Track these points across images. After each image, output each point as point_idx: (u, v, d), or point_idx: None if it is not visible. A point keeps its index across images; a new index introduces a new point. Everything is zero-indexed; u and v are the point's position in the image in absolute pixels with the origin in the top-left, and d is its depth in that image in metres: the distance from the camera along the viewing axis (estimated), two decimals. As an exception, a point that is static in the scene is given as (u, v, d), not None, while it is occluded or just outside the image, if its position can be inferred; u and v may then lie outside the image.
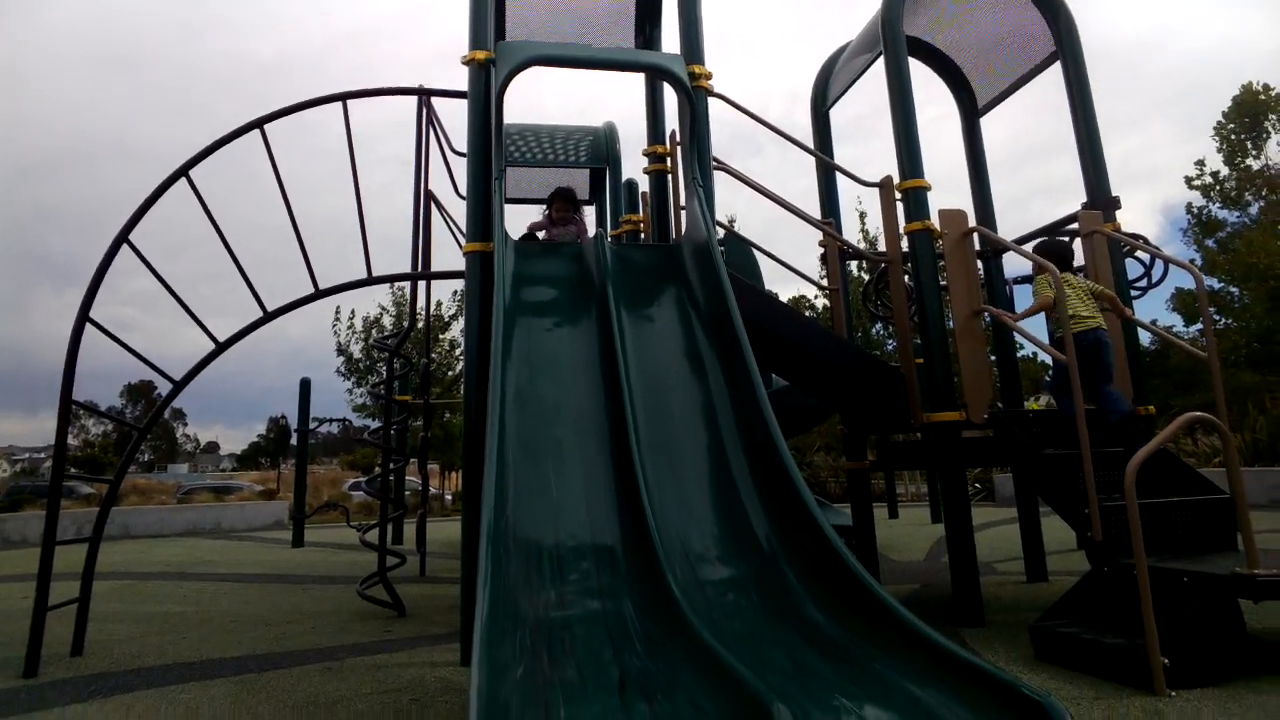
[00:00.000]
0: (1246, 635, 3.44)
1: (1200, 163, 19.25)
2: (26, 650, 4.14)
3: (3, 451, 62.71)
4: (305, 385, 12.25)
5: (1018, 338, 6.26)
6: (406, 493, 12.53)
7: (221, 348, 4.96)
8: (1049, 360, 4.85)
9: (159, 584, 7.45)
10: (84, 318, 4.66)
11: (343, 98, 5.36)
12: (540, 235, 5.94)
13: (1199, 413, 3.64)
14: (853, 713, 2.25)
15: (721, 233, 5.70)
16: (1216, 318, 18.18)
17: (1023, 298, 6.76)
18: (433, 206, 6.63)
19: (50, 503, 4.55)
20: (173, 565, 9.16)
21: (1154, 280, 5.93)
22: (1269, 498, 10.55)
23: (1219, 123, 19.07)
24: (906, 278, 5.46)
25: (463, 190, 5.33)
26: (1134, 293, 5.68)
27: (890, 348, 17.41)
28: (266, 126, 5.23)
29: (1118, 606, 3.71)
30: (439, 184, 6.93)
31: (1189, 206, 19.33)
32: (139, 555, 10.38)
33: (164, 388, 4.98)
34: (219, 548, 11.59)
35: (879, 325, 17.11)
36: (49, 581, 4.34)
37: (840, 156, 6.87)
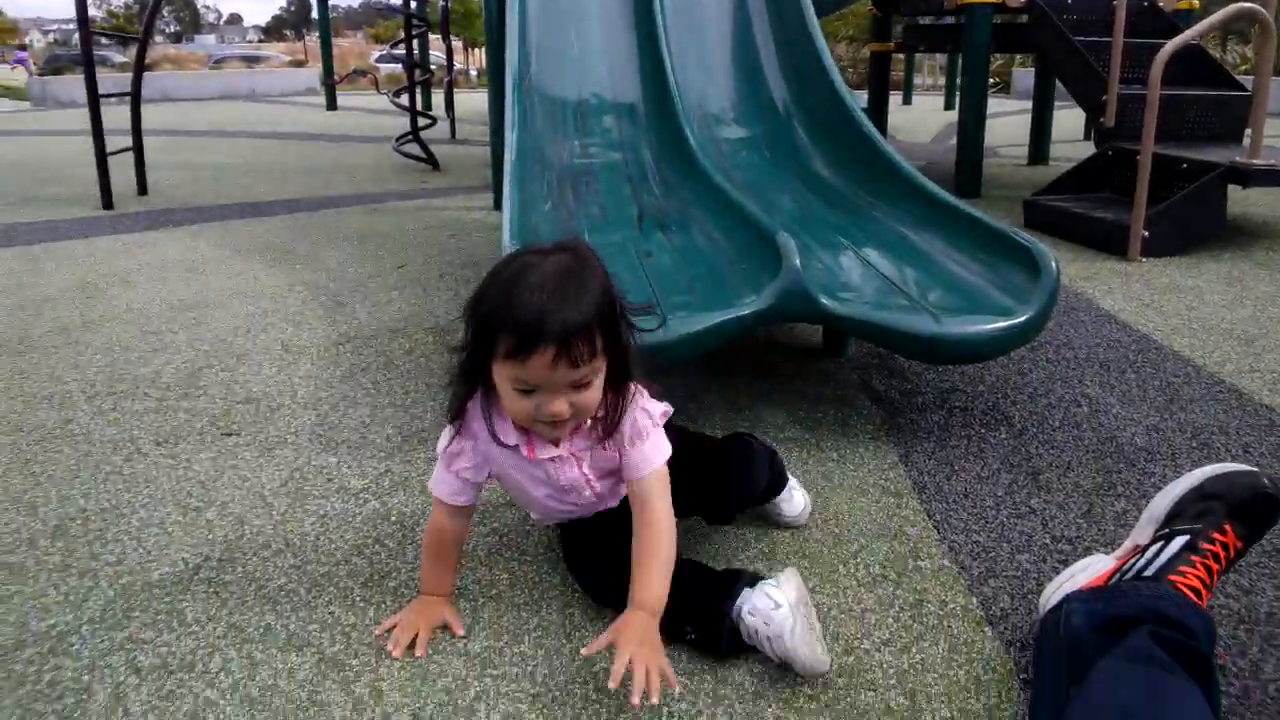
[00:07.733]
0: (1224, 219, 3.61)
1: None
2: (99, 188, 4.51)
3: (32, 22, 60.95)
4: (321, -57, 11.38)
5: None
6: (432, 66, 12.25)
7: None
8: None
9: (204, 140, 7.73)
10: None
11: None
12: None
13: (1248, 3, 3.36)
14: (849, 248, 2.47)
15: None
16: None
17: None
18: None
19: (85, 56, 4.53)
20: (215, 125, 9.40)
21: None
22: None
23: None
24: None
25: None
26: None
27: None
28: None
29: (1112, 188, 3.89)
30: None
31: None
32: (180, 117, 10.58)
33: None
34: (257, 110, 11.75)
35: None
36: (102, 130, 4.52)
37: None
